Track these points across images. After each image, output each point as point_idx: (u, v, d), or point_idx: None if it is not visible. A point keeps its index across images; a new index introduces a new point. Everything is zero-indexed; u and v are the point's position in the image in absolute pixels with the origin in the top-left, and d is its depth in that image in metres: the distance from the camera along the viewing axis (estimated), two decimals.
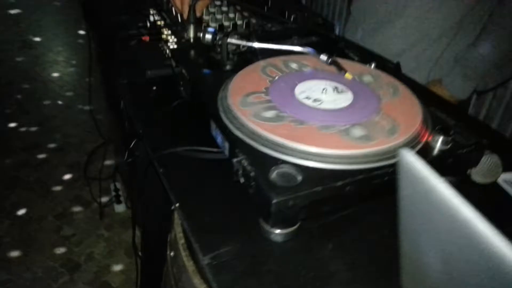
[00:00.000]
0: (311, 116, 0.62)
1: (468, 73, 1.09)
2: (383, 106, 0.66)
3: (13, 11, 4.05)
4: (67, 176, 2.18)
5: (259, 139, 0.58)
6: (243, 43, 0.76)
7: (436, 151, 0.61)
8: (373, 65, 0.79)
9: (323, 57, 0.75)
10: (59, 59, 3.29)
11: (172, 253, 0.67)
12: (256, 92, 0.67)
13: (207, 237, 0.56)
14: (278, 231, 0.55)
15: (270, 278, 0.51)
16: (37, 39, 3.59)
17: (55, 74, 3.09)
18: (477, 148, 0.63)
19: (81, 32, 3.59)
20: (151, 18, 0.96)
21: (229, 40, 0.75)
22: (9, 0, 4.23)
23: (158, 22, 0.94)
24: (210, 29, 0.77)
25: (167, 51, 0.84)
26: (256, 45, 0.77)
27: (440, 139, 0.61)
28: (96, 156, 1.93)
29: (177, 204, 0.61)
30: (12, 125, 2.54)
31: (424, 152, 0.60)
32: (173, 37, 0.88)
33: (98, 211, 1.95)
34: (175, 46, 0.85)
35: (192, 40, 0.85)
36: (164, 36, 0.90)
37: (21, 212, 1.96)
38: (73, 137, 2.44)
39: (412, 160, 0.32)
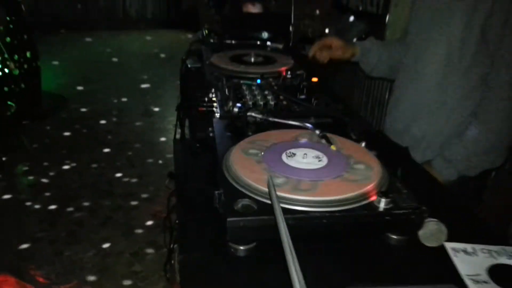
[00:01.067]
0: (282, 169, 0.82)
1: (451, 159, 1.23)
2: (346, 174, 0.84)
3: (143, 85, 4.87)
4: (149, 222, 2.53)
5: (236, 179, 0.80)
6: (259, 116, 1.00)
7: (380, 208, 0.76)
8: (363, 144, 0.97)
9: (317, 131, 0.96)
10: (168, 126, 3.85)
11: None
12: (255, 149, 0.90)
13: None
14: (239, 247, 0.74)
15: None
16: (156, 109, 4.25)
17: (162, 139, 3.62)
18: (417, 213, 0.77)
19: None
20: (210, 95, 1.25)
21: (248, 113, 1.00)
22: (143, 76, 5.09)
23: (213, 98, 1.23)
24: (238, 104, 1.04)
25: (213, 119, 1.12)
26: (271, 118, 1.01)
27: (383, 199, 0.77)
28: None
29: None
30: (118, 175, 3.03)
31: (371, 207, 0.76)
32: (218, 109, 1.15)
33: (166, 255, 2.23)
34: (217, 116, 1.12)
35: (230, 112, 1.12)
36: (214, 109, 1.18)
37: (106, 245, 2.32)
38: (163, 191, 2.83)
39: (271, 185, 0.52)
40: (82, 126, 3.78)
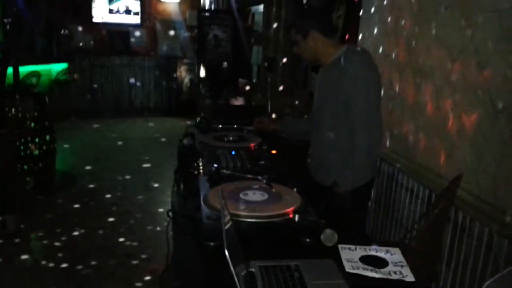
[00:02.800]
0: (236, 200, 1.35)
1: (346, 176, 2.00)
2: (279, 204, 1.36)
3: (145, 165, 5.44)
4: (147, 277, 2.94)
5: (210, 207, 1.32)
6: (228, 172, 1.55)
7: (296, 220, 1.28)
8: (295, 189, 1.51)
9: (264, 180, 1.50)
10: (167, 199, 4.35)
11: None
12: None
13: None
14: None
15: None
16: (156, 184, 4.78)
17: (160, 210, 4.11)
18: (317, 224, 1.28)
19: None
20: (198, 162, 1.80)
21: (221, 170, 1.55)
22: (145, 157, 5.69)
23: (200, 164, 1.78)
24: (215, 165, 1.58)
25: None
26: (236, 174, 1.55)
27: (296, 215, 1.28)
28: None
29: None
30: (121, 239, 3.48)
31: (291, 220, 1.28)
32: (202, 169, 1.70)
33: None
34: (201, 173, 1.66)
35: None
36: (200, 170, 1.72)
37: None
38: (159, 253, 3.26)
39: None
40: (90, 199, 4.28)
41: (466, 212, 2.08)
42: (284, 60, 5.17)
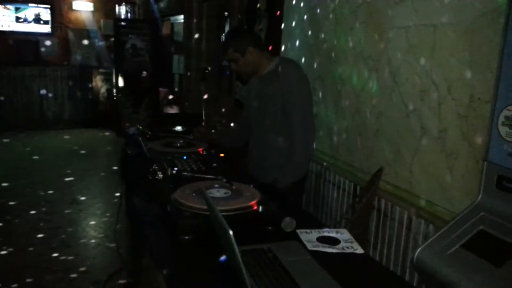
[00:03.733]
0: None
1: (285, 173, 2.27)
2: (242, 200, 1.53)
3: (67, 179, 5.26)
4: None
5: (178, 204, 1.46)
6: (190, 174, 1.69)
7: (260, 211, 1.46)
8: (251, 185, 1.69)
9: (224, 180, 1.66)
10: (97, 211, 4.29)
11: None
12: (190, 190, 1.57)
13: None
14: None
15: None
16: (83, 198, 4.67)
17: (92, 222, 4.04)
18: (278, 213, 1.48)
19: (117, 193, 4.66)
20: (153, 167, 1.91)
21: (183, 172, 1.68)
22: (66, 171, 5.49)
23: (155, 168, 1.89)
24: (175, 168, 1.71)
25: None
26: (196, 175, 1.70)
27: (260, 207, 1.47)
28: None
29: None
30: (55, 255, 3.39)
31: (255, 211, 1.45)
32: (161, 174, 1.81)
33: None
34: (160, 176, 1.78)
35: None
36: (158, 174, 1.83)
37: None
38: (98, 264, 3.24)
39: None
40: (13, 217, 4.07)
41: (388, 200, 2.41)
42: (209, 69, 5.34)
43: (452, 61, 2.03)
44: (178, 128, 2.77)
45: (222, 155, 2.13)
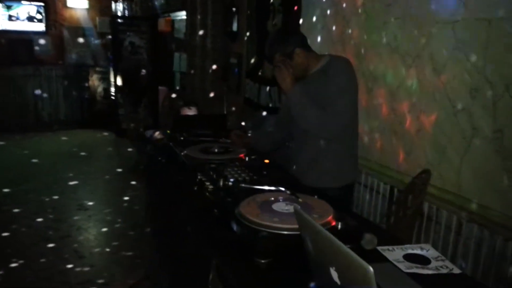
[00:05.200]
0: (271, 213, 1.36)
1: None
2: (316, 216, 1.39)
3: (71, 183, 5.06)
4: None
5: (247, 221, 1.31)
6: (248, 186, 1.54)
7: (339, 227, 1.32)
8: (315, 196, 1.55)
9: (288, 192, 1.52)
10: (107, 218, 4.11)
11: None
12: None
13: None
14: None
15: None
16: (90, 203, 4.48)
17: (104, 229, 3.86)
18: (357, 231, 1.34)
19: (125, 198, 4.49)
20: (198, 178, 1.76)
21: (241, 184, 1.54)
22: (69, 174, 5.28)
23: (202, 179, 1.73)
24: (232, 179, 1.57)
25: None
26: (255, 186, 1.55)
27: (339, 223, 1.33)
28: None
29: None
30: (69, 266, 3.21)
31: (334, 227, 1.31)
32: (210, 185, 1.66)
33: None
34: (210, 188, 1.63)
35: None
36: (207, 185, 1.68)
37: None
38: (118, 275, 3.08)
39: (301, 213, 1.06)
40: (19, 226, 3.87)
41: (432, 203, 2.30)
42: (214, 67, 5.18)
43: (509, 58, 1.91)
44: (206, 131, 2.59)
45: (267, 161, 1.98)
